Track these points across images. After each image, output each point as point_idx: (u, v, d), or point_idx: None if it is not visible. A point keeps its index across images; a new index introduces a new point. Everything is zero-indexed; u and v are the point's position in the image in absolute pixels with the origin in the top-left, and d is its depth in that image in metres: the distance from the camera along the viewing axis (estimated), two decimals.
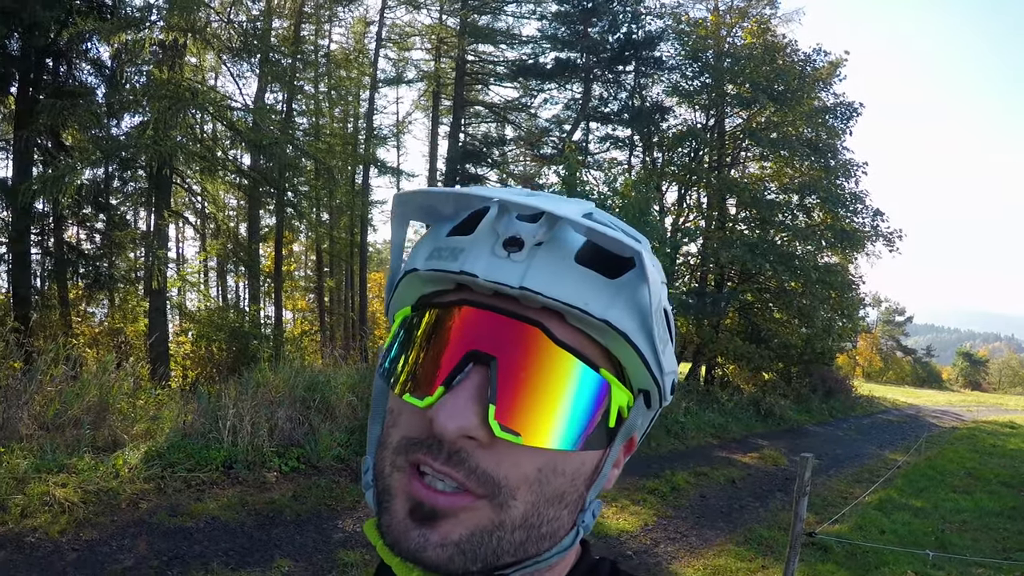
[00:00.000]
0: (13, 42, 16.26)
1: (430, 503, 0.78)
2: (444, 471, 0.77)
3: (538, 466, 0.79)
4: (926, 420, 28.90)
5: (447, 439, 0.76)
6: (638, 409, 0.87)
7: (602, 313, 0.78)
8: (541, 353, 0.78)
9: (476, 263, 0.79)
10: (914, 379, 67.68)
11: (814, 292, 24.63)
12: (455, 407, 0.76)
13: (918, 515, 11.85)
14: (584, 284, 0.78)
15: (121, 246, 21.23)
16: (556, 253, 0.79)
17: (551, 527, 0.83)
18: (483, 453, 0.77)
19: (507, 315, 0.79)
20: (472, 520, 0.78)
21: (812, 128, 26.80)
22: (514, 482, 0.78)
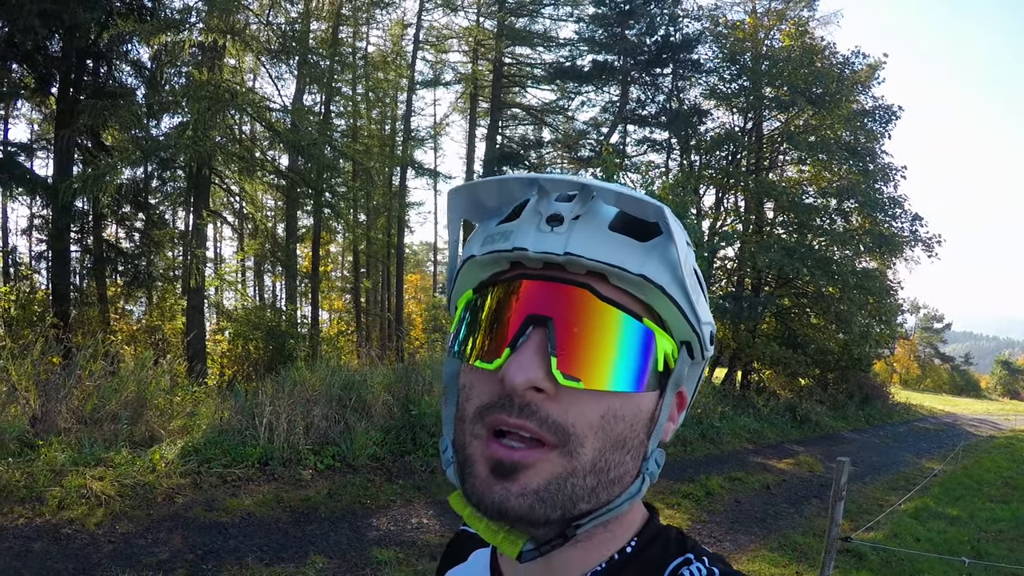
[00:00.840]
0: (54, 43, 16.44)
1: (508, 459, 0.85)
2: (518, 424, 0.84)
3: (601, 412, 0.86)
4: (963, 428, 28.44)
5: (517, 391, 0.84)
6: (683, 360, 0.95)
7: (638, 269, 0.86)
8: (590, 310, 0.86)
9: (525, 239, 0.88)
10: (952, 387, 66.89)
11: (852, 297, 24.42)
12: (521, 362, 0.84)
13: (954, 524, 11.68)
14: (619, 247, 0.87)
15: (160, 245, 21.40)
16: (592, 223, 0.88)
17: (618, 472, 0.89)
18: (551, 404, 0.85)
19: (557, 281, 0.88)
20: (547, 469, 0.85)
21: (850, 131, 26.57)
22: (581, 429, 0.85)
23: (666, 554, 0.96)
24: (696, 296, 0.92)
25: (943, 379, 68.64)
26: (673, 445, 15.19)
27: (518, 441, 0.85)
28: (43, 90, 17.89)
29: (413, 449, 11.07)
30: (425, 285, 46.25)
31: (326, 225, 27.00)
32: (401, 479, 10.19)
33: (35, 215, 21.73)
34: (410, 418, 11.33)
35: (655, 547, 0.97)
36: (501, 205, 0.98)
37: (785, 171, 29.10)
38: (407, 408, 11.44)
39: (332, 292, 34.71)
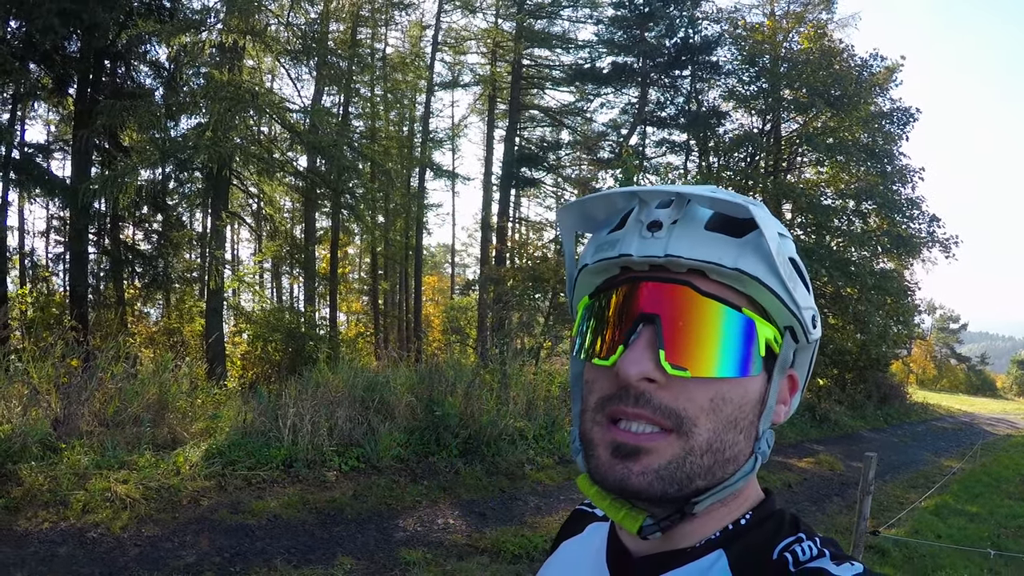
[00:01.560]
0: (72, 43, 16.47)
1: (632, 442, 0.94)
2: (635, 412, 0.93)
3: (710, 396, 0.94)
4: (980, 427, 28.55)
5: (631, 383, 0.93)
6: (787, 344, 1.02)
7: (733, 263, 0.94)
8: (693, 304, 0.95)
9: (629, 246, 0.98)
10: (968, 387, 66.90)
11: (870, 298, 24.43)
12: (633, 357, 0.93)
13: (974, 520, 11.79)
14: (715, 245, 0.95)
15: (178, 246, 21.48)
16: (689, 226, 0.96)
17: (732, 452, 0.97)
18: (662, 392, 0.93)
19: (662, 280, 0.97)
20: (667, 452, 0.93)
21: (869, 133, 26.51)
22: (693, 413, 0.93)
23: (779, 531, 1.01)
24: (793, 284, 0.98)
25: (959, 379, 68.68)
26: None
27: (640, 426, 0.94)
28: (61, 91, 17.94)
29: (437, 450, 11.01)
30: (443, 287, 46.34)
31: (344, 227, 27.12)
32: (426, 480, 10.15)
33: (53, 216, 21.82)
34: (434, 419, 11.28)
35: (769, 524, 1.02)
36: (609, 217, 1.06)
37: (803, 173, 29.13)
38: (431, 409, 11.40)
39: (350, 294, 34.83)
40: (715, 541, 1.00)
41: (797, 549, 0.95)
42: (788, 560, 0.94)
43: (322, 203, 24.57)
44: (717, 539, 1.00)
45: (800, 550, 0.95)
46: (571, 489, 10.59)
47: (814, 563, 0.92)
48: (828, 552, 0.94)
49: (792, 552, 0.95)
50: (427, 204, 32.64)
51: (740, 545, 0.99)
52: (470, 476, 10.53)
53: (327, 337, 21.38)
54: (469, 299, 34.61)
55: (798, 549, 0.95)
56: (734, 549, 0.99)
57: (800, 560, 0.94)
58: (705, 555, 0.99)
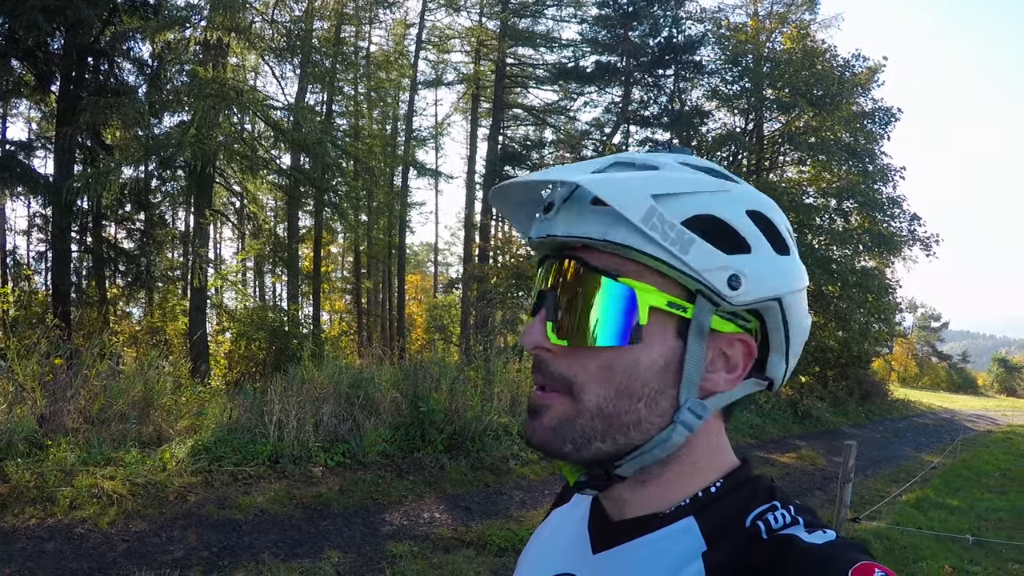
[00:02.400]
0: (55, 40, 16.40)
1: (532, 402, 1.04)
2: (537, 377, 1.03)
3: (598, 364, 0.98)
4: (961, 424, 28.63)
5: (528, 351, 1.04)
6: (702, 308, 0.97)
7: (601, 236, 0.95)
8: (577, 278, 0.99)
9: (532, 229, 1.05)
10: (949, 384, 67.12)
11: (851, 296, 24.61)
12: (530, 330, 1.03)
13: (954, 513, 11.87)
14: (592, 220, 0.96)
15: (161, 245, 21.39)
16: (578, 204, 0.99)
17: (631, 418, 0.98)
18: (556, 360, 1.01)
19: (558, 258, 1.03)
20: (558, 410, 1.00)
21: (850, 133, 26.71)
22: (583, 379, 0.99)
23: (753, 498, 1.01)
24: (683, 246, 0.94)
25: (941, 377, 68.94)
26: None
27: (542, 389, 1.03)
28: (43, 88, 17.85)
29: (422, 446, 11.06)
30: (426, 286, 46.36)
31: (327, 225, 27.08)
32: (411, 475, 10.18)
33: (35, 214, 21.72)
34: (419, 415, 11.33)
35: (743, 491, 1.03)
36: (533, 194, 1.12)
37: (785, 171, 29.31)
38: (416, 405, 11.44)
39: (333, 293, 34.77)
40: (685, 508, 1.02)
41: (770, 517, 0.96)
42: (761, 528, 0.95)
43: (305, 201, 24.54)
44: (687, 506, 1.02)
45: (773, 518, 0.95)
46: (555, 484, 10.62)
47: (787, 530, 0.93)
48: (802, 520, 0.95)
49: (765, 520, 0.96)
50: (410, 202, 32.71)
51: (711, 512, 1.01)
52: (455, 471, 10.57)
53: (311, 335, 21.35)
54: (452, 297, 34.68)
55: (771, 517, 0.96)
56: (705, 516, 1.00)
57: (773, 528, 0.94)
58: (676, 521, 1.01)
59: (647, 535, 1.02)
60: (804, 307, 1.07)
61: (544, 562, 1.22)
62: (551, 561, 1.20)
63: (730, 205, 0.99)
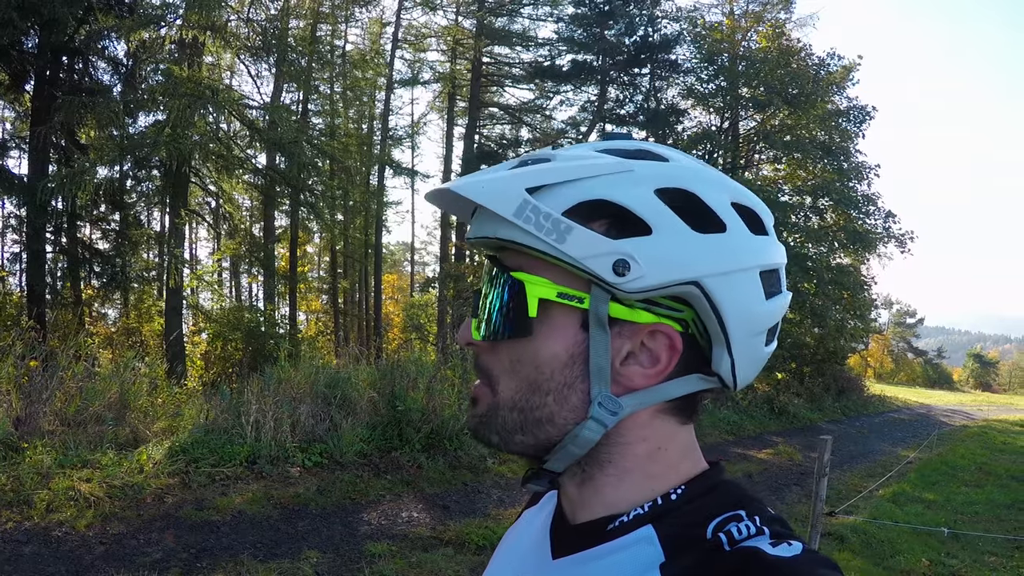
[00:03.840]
0: (30, 39, 16.30)
1: (470, 394, 1.07)
2: (476, 371, 1.07)
3: (509, 358, 0.99)
4: (937, 419, 28.76)
5: (462, 346, 1.08)
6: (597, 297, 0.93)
7: (492, 234, 0.96)
8: (494, 276, 1.01)
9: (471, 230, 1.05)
10: (925, 380, 67.64)
11: (827, 292, 24.75)
12: (463, 327, 1.07)
13: (931, 507, 11.97)
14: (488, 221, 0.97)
15: (136, 245, 21.31)
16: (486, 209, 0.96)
17: (543, 413, 0.98)
18: (483, 354, 1.04)
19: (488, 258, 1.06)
20: (486, 402, 1.03)
21: (825, 131, 26.91)
22: (498, 372, 1.01)
23: (717, 507, 0.94)
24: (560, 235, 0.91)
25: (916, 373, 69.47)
26: None
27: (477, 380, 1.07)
28: (17, 87, 17.75)
29: (400, 445, 11.05)
30: (403, 285, 46.31)
31: (304, 224, 27.06)
32: (389, 474, 10.19)
33: (9, 215, 21.56)
34: (396, 414, 11.33)
35: (707, 498, 0.96)
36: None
37: (761, 170, 29.42)
38: (393, 404, 11.44)
39: (310, 293, 34.70)
40: (644, 515, 0.96)
41: (733, 528, 0.89)
42: (723, 540, 0.88)
43: (281, 201, 24.46)
44: (647, 513, 0.96)
45: (737, 528, 0.89)
46: None
47: (750, 542, 0.87)
48: (768, 531, 0.89)
49: (727, 531, 0.89)
50: (386, 202, 32.62)
51: (671, 521, 0.95)
52: (433, 470, 10.58)
53: (287, 335, 21.31)
54: (429, 296, 34.61)
55: (734, 527, 0.89)
56: (665, 525, 0.94)
57: (736, 539, 0.88)
58: (635, 530, 0.95)
59: (606, 543, 0.97)
60: (751, 291, 0.95)
61: (509, 564, 1.20)
62: (515, 564, 1.18)
63: (630, 186, 0.94)
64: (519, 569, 1.14)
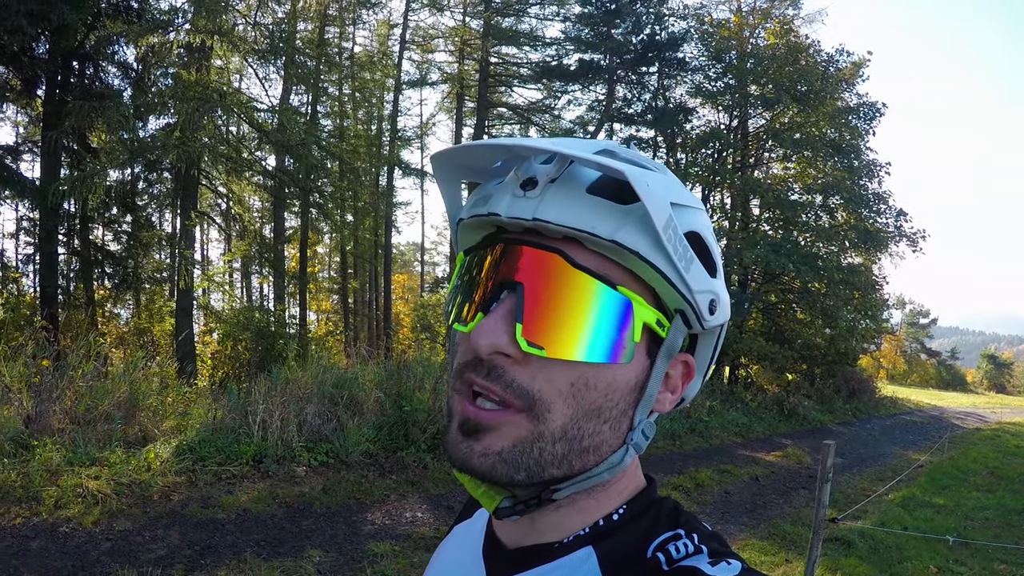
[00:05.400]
0: (41, 45, 16.42)
1: (475, 418, 0.87)
2: (485, 386, 0.87)
3: (570, 380, 0.87)
4: (949, 421, 28.62)
5: (481, 354, 0.86)
6: (677, 329, 0.93)
7: (610, 235, 0.85)
8: (561, 276, 0.86)
9: (499, 204, 0.89)
10: (938, 381, 67.21)
11: (837, 293, 24.56)
12: (487, 327, 0.86)
13: (940, 512, 11.81)
14: (593, 211, 0.86)
15: (147, 247, 21.43)
16: (568, 187, 0.87)
17: (593, 441, 0.90)
18: (518, 369, 0.86)
19: (531, 246, 0.88)
20: (513, 433, 0.86)
21: (835, 128, 26.69)
22: (549, 396, 0.86)
23: (656, 526, 0.96)
24: (686, 263, 0.88)
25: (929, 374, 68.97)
26: (662, 439, 15.31)
27: (490, 402, 0.87)
28: (29, 92, 17.88)
29: (406, 445, 11.10)
30: (412, 285, 46.31)
31: (313, 225, 27.04)
32: (394, 475, 10.23)
33: (22, 218, 21.73)
34: (402, 415, 11.36)
35: (645, 518, 0.97)
36: (494, 165, 1.01)
37: (770, 168, 29.25)
38: (399, 405, 11.47)
39: (320, 293, 34.73)
40: (584, 537, 0.95)
41: (671, 547, 0.91)
42: (661, 560, 0.89)
43: (291, 202, 24.52)
44: (587, 535, 0.95)
45: (675, 548, 0.90)
46: None
47: (688, 561, 0.88)
48: (706, 548, 0.90)
49: (666, 551, 0.90)
50: (396, 202, 32.61)
51: (611, 542, 0.95)
52: (438, 471, 10.59)
53: (297, 336, 21.40)
54: (439, 296, 34.61)
55: (672, 547, 0.91)
56: (604, 546, 0.94)
57: (674, 558, 0.89)
58: (574, 551, 0.95)
59: (543, 565, 0.96)
60: None
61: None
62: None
63: (706, 224, 0.96)
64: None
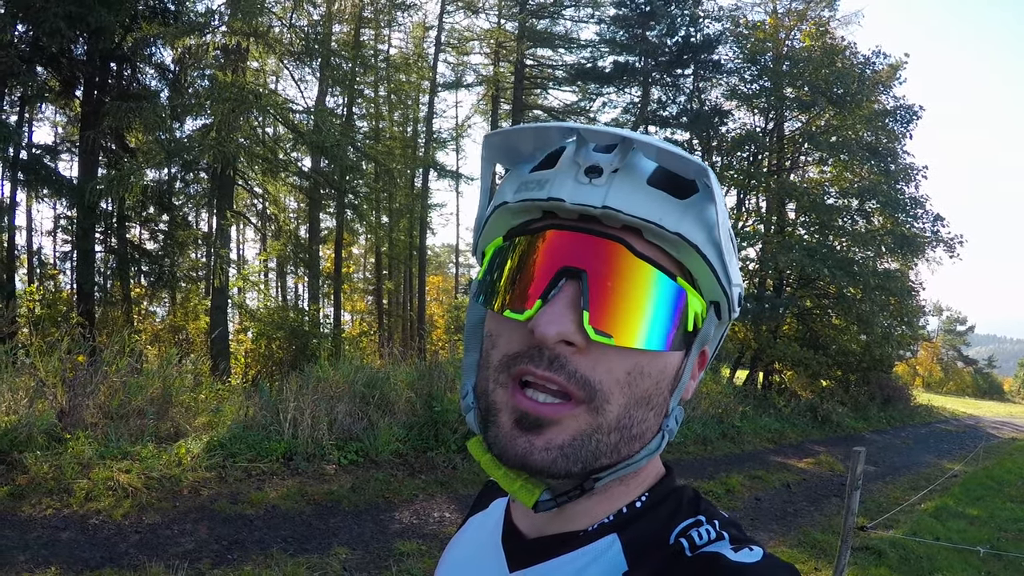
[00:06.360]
0: (79, 46, 16.62)
1: (535, 413, 0.86)
2: (546, 376, 0.85)
3: (627, 369, 0.87)
4: (985, 431, 28.18)
5: (548, 344, 0.84)
6: (710, 320, 0.96)
7: (675, 227, 0.86)
8: (624, 265, 0.86)
9: (562, 189, 0.88)
10: (975, 390, 66.24)
11: (873, 298, 24.26)
12: (554, 314, 0.84)
13: (974, 523, 11.66)
14: (657, 203, 0.87)
15: (183, 246, 21.61)
16: (631, 177, 0.88)
17: (640, 429, 0.91)
18: (580, 358, 0.85)
19: (592, 234, 0.87)
20: (573, 426, 0.86)
21: (872, 131, 26.34)
22: (608, 386, 0.86)
23: (677, 513, 0.97)
24: (730, 257, 0.93)
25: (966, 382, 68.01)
26: (693, 444, 15.23)
27: (544, 393, 0.86)
28: (68, 93, 18.11)
29: (435, 445, 11.13)
30: (447, 287, 46.34)
31: (348, 226, 27.17)
32: (423, 474, 10.26)
33: (60, 216, 22.01)
34: (433, 415, 11.38)
35: (667, 504, 0.99)
36: (535, 152, 0.98)
37: (806, 172, 28.93)
38: (430, 405, 11.49)
39: (355, 294, 34.91)
40: (609, 525, 0.96)
41: (694, 533, 0.91)
42: (685, 545, 0.90)
43: (326, 203, 24.62)
44: (611, 523, 0.97)
45: (697, 534, 0.91)
46: None
47: (711, 547, 0.88)
48: (728, 535, 0.91)
49: (688, 537, 0.91)
50: (431, 204, 32.62)
51: (634, 529, 0.96)
52: (467, 471, 10.59)
53: (330, 335, 21.49)
54: None
55: (695, 533, 0.91)
56: (628, 533, 0.95)
57: (697, 544, 0.90)
58: (598, 539, 0.96)
59: (568, 553, 0.96)
60: None
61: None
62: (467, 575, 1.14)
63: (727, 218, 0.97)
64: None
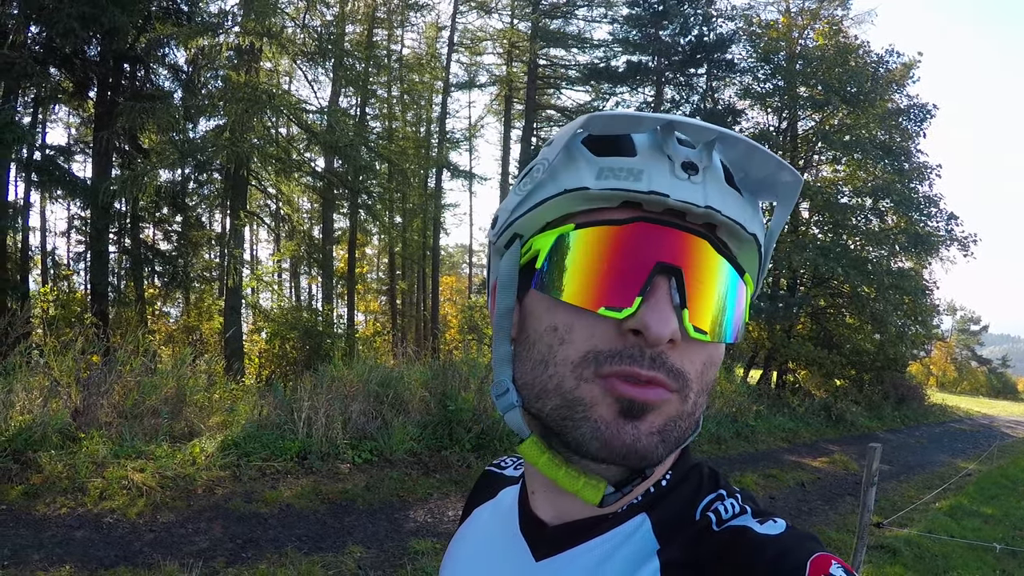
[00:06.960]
0: (92, 47, 16.66)
1: (642, 398, 0.84)
2: (650, 375, 0.83)
3: (704, 360, 0.89)
4: (999, 430, 28.16)
5: (660, 344, 0.82)
6: None
7: (752, 228, 0.90)
8: (710, 262, 0.86)
9: (660, 183, 0.85)
10: (989, 390, 66.06)
11: (887, 297, 24.17)
12: (663, 314, 0.82)
13: (988, 521, 11.60)
14: (738, 203, 0.89)
15: (197, 246, 21.63)
16: (716, 175, 0.88)
17: (700, 414, 0.92)
18: (674, 353, 0.85)
19: (682, 229, 0.85)
20: (666, 411, 0.86)
21: (885, 130, 26.24)
22: (692, 376, 0.87)
23: (700, 489, 0.98)
24: (767, 247, 0.95)
25: (980, 382, 67.83)
26: (708, 443, 15.20)
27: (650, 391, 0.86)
28: (81, 94, 18.15)
29: (450, 444, 11.10)
30: (460, 287, 46.35)
31: (362, 227, 27.21)
32: (438, 473, 10.25)
33: (74, 216, 22.07)
34: (447, 414, 11.36)
35: (690, 481, 0.99)
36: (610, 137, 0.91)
37: (820, 170, 28.84)
38: (444, 404, 11.46)
39: (368, 294, 34.95)
40: (638, 505, 0.96)
41: (719, 507, 0.93)
42: (712, 520, 0.91)
43: (340, 203, 24.64)
44: (640, 503, 0.96)
45: (723, 508, 0.92)
46: None
47: (736, 521, 0.90)
48: (750, 509, 0.93)
49: (715, 511, 0.92)
50: (444, 204, 32.60)
51: (663, 507, 0.96)
52: (482, 470, 10.55)
53: (344, 335, 21.50)
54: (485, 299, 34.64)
55: (720, 507, 0.92)
56: (657, 512, 0.95)
57: (723, 518, 0.91)
58: (627, 520, 0.95)
59: (597, 537, 0.95)
60: None
61: (479, 571, 1.13)
62: (487, 570, 1.11)
63: None
64: (497, 574, 1.08)
